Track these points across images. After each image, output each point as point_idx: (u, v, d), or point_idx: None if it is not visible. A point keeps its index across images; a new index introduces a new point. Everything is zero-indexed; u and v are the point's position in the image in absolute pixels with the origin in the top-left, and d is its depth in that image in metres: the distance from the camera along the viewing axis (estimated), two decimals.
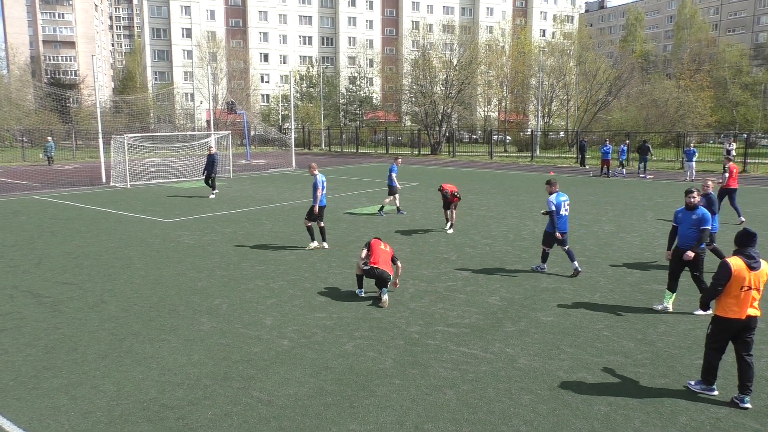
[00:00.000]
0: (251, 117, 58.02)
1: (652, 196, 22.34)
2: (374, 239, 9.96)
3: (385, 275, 9.44)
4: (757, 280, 6.09)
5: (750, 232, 6.21)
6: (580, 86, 59.95)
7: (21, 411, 5.98)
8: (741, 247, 6.21)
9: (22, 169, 34.44)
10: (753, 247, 6.17)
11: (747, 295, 6.07)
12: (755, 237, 6.18)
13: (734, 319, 6.11)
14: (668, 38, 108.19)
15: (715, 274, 6.19)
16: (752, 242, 6.17)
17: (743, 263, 6.09)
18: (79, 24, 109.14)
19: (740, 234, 6.25)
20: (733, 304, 6.11)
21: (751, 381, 6.09)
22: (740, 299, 6.08)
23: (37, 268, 11.76)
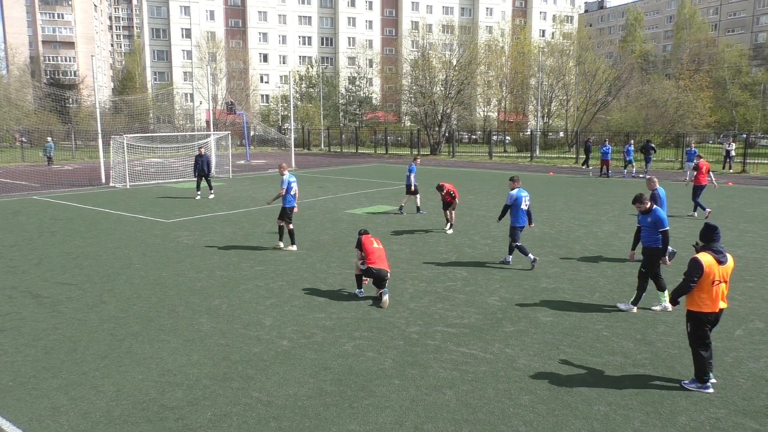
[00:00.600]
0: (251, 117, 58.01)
1: None
2: (363, 236, 9.83)
3: (383, 273, 9.43)
4: (725, 273, 6.40)
5: (712, 225, 6.49)
6: (580, 86, 59.97)
7: (20, 411, 5.98)
8: (707, 242, 6.47)
9: (22, 170, 34.43)
10: (717, 241, 6.44)
11: (718, 289, 6.36)
12: (718, 230, 6.45)
13: (709, 312, 6.39)
14: (668, 38, 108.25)
15: (688, 271, 6.38)
16: (716, 236, 6.43)
17: (713, 259, 6.34)
18: (79, 24, 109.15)
19: (704, 230, 6.53)
20: (706, 299, 6.36)
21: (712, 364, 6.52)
22: (712, 293, 6.35)
23: (36, 268, 11.76)
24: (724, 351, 7.50)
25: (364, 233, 9.99)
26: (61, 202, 21.29)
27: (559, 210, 19.03)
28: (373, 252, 9.59)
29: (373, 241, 9.83)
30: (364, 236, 9.86)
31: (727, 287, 6.44)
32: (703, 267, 6.29)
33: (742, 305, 9.30)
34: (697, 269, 6.30)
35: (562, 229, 15.67)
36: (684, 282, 6.40)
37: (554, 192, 23.86)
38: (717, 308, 6.39)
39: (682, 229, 15.68)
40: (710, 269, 6.31)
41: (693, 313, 6.46)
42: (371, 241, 9.80)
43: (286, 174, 13.16)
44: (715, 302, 6.37)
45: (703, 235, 6.53)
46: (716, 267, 6.33)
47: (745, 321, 8.59)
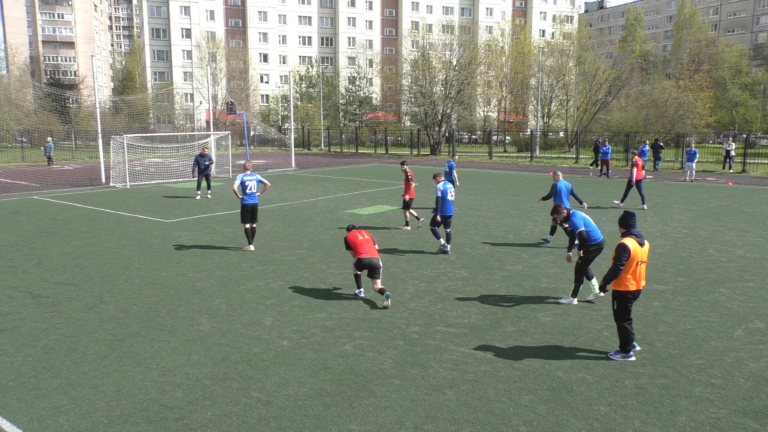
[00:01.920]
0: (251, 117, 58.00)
1: (652, 197, 22.33)
2: (348, 234, 9.76)
3: (375, 261, 9.44)
4: (644, 254, 7.21)
5: (630, 212, 7.35)
6: (580, 86, 59.98)
7: (20, 411, 5.98)
8: (628, 228, 7.28)
9: (22, 170, 34.42)
10: (636, 227, 7.29)
11: (640, 269, 7.14)
12: (635, 216, 7.36)
13: (634, 290, 7.14)
14: (668, 38, 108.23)
15: (617, 257, 7.07)
16: (635, 221, 7.32)
17: (636, 242, 7.14)
18: (79, 24, 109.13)
19: (624, 217, 7.35)
20: (631, 278, 7.10)
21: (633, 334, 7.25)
22: (636, 273, 7.12)
23: (36, 268, 11.76)
24: (724, 351, 7.50)
25: (350, 230, 9.93)
26: (61, 202, 21.29)
27: None
28: (360, 244, 9.56)
29: (358, 234, 9.78)
30: (349, 233, 9.80)
31: (645, 268, 7.23)
32: (630, 250, 7.02)
33: (742, 305, 9.30)
34: (625, 252, 7.01)
35: (561, 230, 15.64)
36: (614, 267, 7.06)
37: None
38: (640, 286, 7.16)
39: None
40: (635, 252, 7.04)
41: (620, 293, 7.14)
42: (356, 234, 9.75)
43: (244, 173, 13.37)
44: (639, 281, 7.14)
45: (624, 221, 7.32)
46: (639, 249, 7.10)
47: (745, 321, 8.60)
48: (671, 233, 15.13)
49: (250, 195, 13.25)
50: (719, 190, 24.75)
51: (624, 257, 7.01)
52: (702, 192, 23.86)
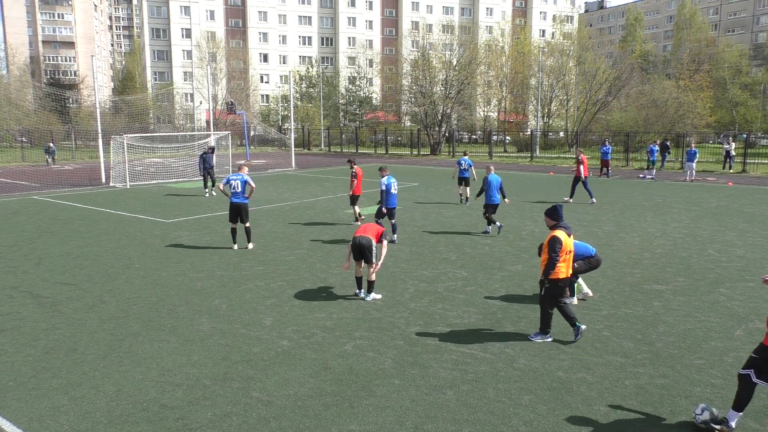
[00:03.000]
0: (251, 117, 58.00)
1: (652, 197, 22.34)
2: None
3: (360, 240, 9.30)
4: (571, 245, 7.77)
5: (558, 206, 7.90)
6: (580, 86, 59.97)
7: (20, 411, 5.98)
8: (557, 220, 7.83)
9: (22, 170, 34.43)
10: (563, 219, 7.91)
11: (569, 258, 7.72)
12: (562, 208, 7.94)
13: (565, 278, 7.69)
14: (668, 38, 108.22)
15: (551, 248, 7.55)
16: (561, 213, 7.88)
17: (565, 233, 7.72)
18: (79, 24, 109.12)
19: (552, 210, 7.90)
20: (562, 267, 7.64)
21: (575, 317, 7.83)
22: (567, 262, 7.69)
23: (36, 268, 11.76)
24: (724, 351, 7.50)
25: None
26: (61, 202, 21.29)
27: None
28: (359, 228, 9.71)
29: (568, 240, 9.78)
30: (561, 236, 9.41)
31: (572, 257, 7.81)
32: (561, 241, 7.55)
33: (742, 305, 9.30)
34: (558, 243, 7.54)
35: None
36: (551, 258, 7.55)
37: (554, 192, 23.86)
38: (569, 273, 7.75)
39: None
40: (565, 243, 7.61)
41: (553, 281, 7.64)
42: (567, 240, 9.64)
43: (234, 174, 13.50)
44: (569, 268, 7.74)
45: (552, 214, 7.88)
46: (567, 240, 7.68)
47: (745, 321, 8.59)
48: (671, 233, 15.13)
49: (235, 194, 13.27)
50: (719, 190, 24.76)
51: (558, 248, 7.51)
52: (702, 192, 23.86)
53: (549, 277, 7.59)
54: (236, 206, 13.31)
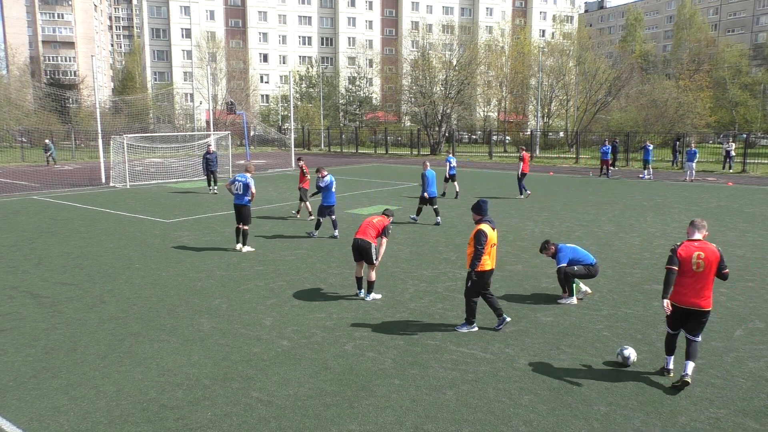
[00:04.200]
0: (251, 117, 58.00)
1: (652, 197, 22.34)
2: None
3: (363, 243, 9.31)
4: (495, 238, 8.15)
5: (483, 201, 8.24)
6: (580, 86, 59.96)
7: (20, 411, 5.98)
8: (483, 214, 8.14)
9: (22, 170, 34.43)
10: (488, 214, 8.20)
11: (494, 251, 8.09)
12: (487, 203, 8.27)
13: (489, 270, 8.04)
14: (668, 38, 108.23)
15: (477, 241, 7.87)
16: (486, 209, 8.19)
17: (490, 227, 8.04)
18: (79, 24, 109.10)
19: (477, 205, 8.22)
20: (486, 260, 7.97)
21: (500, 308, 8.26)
22: (491, 255, 8.02)
23: (36, 268, 11.75)
24: (724, 351, 7.50)
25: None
26: (61, 202, 21.29)
27: (559, 210, 19.03)
28: (362, 226, 9.64)
29: (375, 218, 9.77)
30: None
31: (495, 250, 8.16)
32: (487, 234, 7.90)
33: (742, 305, 9.30)
34: (483, 236, 7.88)
35: (562, 229, 15.67)
36: (476, 251, 7.86)
37: (554, 192, 23.87)
38: (494, 265, 8.11)
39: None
40: (490, 236, 7.96)
41: (479, 272, 7.96)
42: (373, 218, 9.80)
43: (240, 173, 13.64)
44: (493, 261, 8.07)
45: (478, 210, 8.18)
46: (492, 233, 8.01)
47: (745, 321, 8.60)
48: (671, 233, 15.13)
49: (236, 195, 13.27)
50: (719, 190, 24.76)
51: (483, 240, 7.85)
52: (702, 192, 23.87)
53: (476, 269, 7.91)
54: (237, 207, 13.31)
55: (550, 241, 9.88)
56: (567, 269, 9.40)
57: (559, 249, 9.67)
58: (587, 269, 9.47)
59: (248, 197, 13.23)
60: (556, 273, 9.65)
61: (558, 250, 9.65)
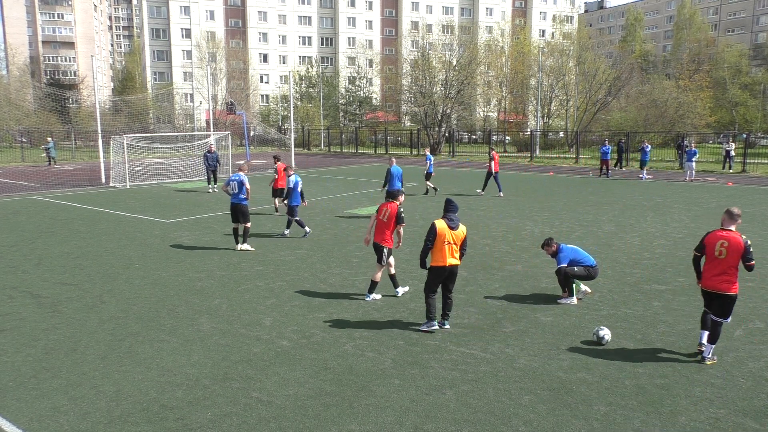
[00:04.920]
0: (251, 117, 58.00)
1: (652, 197, 22.34)
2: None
3: (375, 245, 9.59)
4: (455, 236, 8.04)
5: (449, 199, 8.28)
6: (580, 86, 59.98)
7: (20, 411, 5.98)
8: (445, 212, 8.16)
9: (22, 170, 34.42)
10: (453, 212, 8.13)
11: (449, 248, 8.01)
12: (453, 203, 8.24)
13: (440, 266, 8.05)
14: (668, 38, 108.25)
15: (426, 234, 8.04)
16: (452, 207, 8.16)
17: (445, 224, 8.02)
18: (79, 24, 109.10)
19: (445, 201, 8.29)
20: (439, 256, 8.01)
21: (450, 311, 8.37)
22: (443, 251, 8.00)
23: (36, 268, 11.75)
24: (724, 351, 7.50)
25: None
26: (61, 202, 21.29)
27: (560, 210, 19.03)
28: (376, 225, 9.65)
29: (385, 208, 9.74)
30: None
31: (457, 248, 8.08)
32: (435, 229, 7.98)
33: (742, 305, 9.29)
34: (431, 231, 8.01)
35: (562, 229, 15.67)
36: (424, 244, 8.06)
37: (554, 192, 23.87)
38: (447, 263, 8.02)
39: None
40: (441, 231, 7.97)
41: (432, 267, 8.12)
42: (383, 209, 9.71)
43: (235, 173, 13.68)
44: (445, 258, 8.00)
45: (444, 206, 8.23)
46: (447, 230, 7.99)
47: (745, 321, 8.60)
48: (671, 233, 15.13)
49: (233, 195, 13.34)
50: (719, 190, 24.77)
51: (430, 235, 8.00)
52: (702, 192, 23.87)
53: (422, 264, 8.19)
54: (233, 206, 13.38)
55: (553, 239, 9.83)
56: (567, 270, 9.38)
57: (560, 249, 9.64)
58: (587, 271, 9.45)
59: (244, 195, 13.29)
60: (556, 273, 9.62)
61: (559, 250, 9.62)
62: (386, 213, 9.60)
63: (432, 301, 8.22)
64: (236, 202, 13.33)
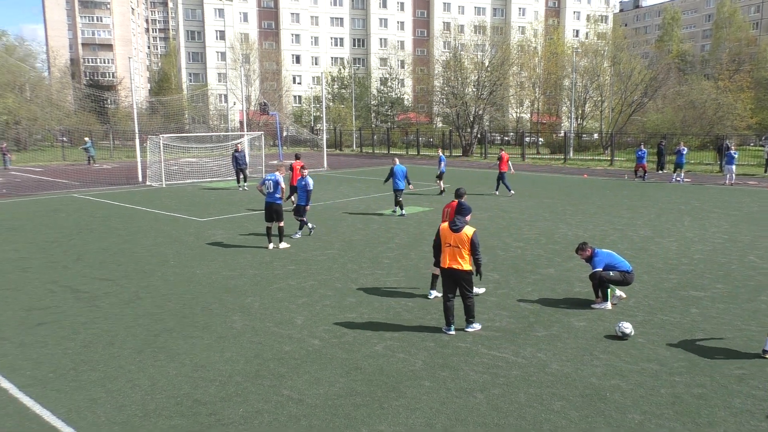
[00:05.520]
0: (283, 118, 58.55)
1: (689, 200, 21.83)
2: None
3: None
4: (457, 239, 7.96)
5: (460, 202, 8.53)
6: (615, 87, 58.93)
7: (60, 402, 6.14)
8: (456, 214, 8.26)
9: (63, 168, 35.38)
10: (460, 215, 8.19)
11: (449, 251, 8.00)
12: (463, 206, 8.42)
13: (443, 267, 8.11)
14: (706, 38, 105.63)
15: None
16: (460, 210, 8.28)
17: (447, 225, 8.14)
18: (117, 27, 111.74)
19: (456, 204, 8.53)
20: (442, 258, 8.12)
21: (468, 315, 8.19)
22: (445, 254, 8.06)
23: (76, 264, 12.07)
24: (765, 361, 7.27)
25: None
26: (99, 200, 21.82)
27: (593, 213, 18.74)
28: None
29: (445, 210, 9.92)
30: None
31: (461, 252, 7.92)
32: (438, 231, 8.22)
33: None
34: (436, 233, 8.29)
35: (596, 233, 15.43)
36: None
37: (588, 195, 23.51)
38: (446, 265, 8.01)
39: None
40: (442, 233, 8.14)
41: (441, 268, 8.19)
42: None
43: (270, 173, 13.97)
44: (446, 260, 8.02)
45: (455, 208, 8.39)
46: (447, 232, 8.04)
47: None
48: (710, 238, 14.76)
49: (268, 194, 13.51)
50: (761, 194, 24.05)
51: (435, 237, 8.30)
52: (743, 196, 23.22)
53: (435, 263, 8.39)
54: (269, 206, 13.52)
55: (588, 243, 9.64)
56: (602, 274, 9.22)
57: (595, 253, 9.44)
58: (623, 276, 9.27)
59: (279, 194, 13.46)
60: (590, 278, 9.46)
61: (594, 254, 9.42)
62: (447, 212, 10.07)
63: (445, 305, 8.12)
64: (271, 201, 13.48)
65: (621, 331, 7.87)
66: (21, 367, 7.02)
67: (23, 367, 7.01)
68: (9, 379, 6.70)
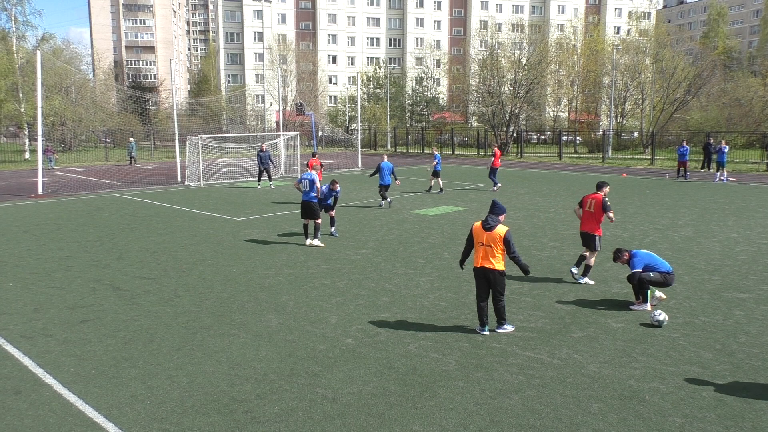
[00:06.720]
0: (319, 118, 59.01)
1: (734, 200, 21.16)
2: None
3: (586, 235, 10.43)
4: (490, 238, 7.85)
5: (494, 200, 8.27)
6: (656, 85, 57.52)
7: (101, 398, 6.32)
8: (488, 213, 8.11)
9: (106, 168, 36.39)
10: (494, 214, 8.03)
11: (482, 250, 7.93)
12: (497, 205, 8.15)
13: (475, 267, 8.03)
14: (754, 33, 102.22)
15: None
16: (494, 209, 8.09)
17: (480, 224, 8.03)
18: (159, 30, 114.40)
19: (491, 203, 8.26)
20: (475, 257, 8.03)
21: (500, 316, 8.11)
22: (478, 253, 7.99)
23: (117, 262, 12.39)
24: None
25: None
26: (140, 199, 22.37)
27: (632, 213, 18.33)
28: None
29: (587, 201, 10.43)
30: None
31: (493, 251, 7.82)
32: (471, 230, 8.13)
33: None
34: (469, 232, 8.16)
35: (635, 233, 15.09)
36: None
37: (627, 194, 23.01)
38: (479, 264, 7.93)
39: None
40: (474, 231, 8.07)
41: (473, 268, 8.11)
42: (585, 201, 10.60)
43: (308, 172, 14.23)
44: (478, 259, 7.95)
45: (490, 207, 8.17)
46: (479, 231, 7.97)
47: None
48: (755, 239, 14.28)
49: (305, 192, 13.77)
50: None
51: (468, 237, 8.20)
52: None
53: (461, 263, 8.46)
54: (305, 204, 13.79)
55: (623, 249, 9.40)
56: (642, 275, 9.00)
57: (633, 254, 9.22)
58: (663, 277, 9.03)
59: (314, 193, 13.69)
60: (628, 279, 9.23)
61: (632, 256, 9.20)
62: (591, 204, 10.34)
63: (479, 305, 8.08)
64: (307, 200, 13.75)
65: (656, 319, 8.19)
66: (65, 363, 7.24)
67: (67, 364, 7.22)
68: (53, 375, 6.91)
